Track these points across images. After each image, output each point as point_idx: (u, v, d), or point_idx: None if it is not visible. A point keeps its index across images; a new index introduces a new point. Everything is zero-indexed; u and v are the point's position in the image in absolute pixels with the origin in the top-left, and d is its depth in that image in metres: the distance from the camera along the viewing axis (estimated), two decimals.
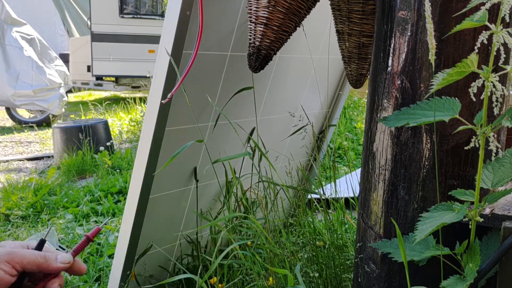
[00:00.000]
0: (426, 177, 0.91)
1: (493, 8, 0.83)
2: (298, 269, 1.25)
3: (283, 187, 1.69)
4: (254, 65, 1.29)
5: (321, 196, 1.74)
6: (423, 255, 0.85)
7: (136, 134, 5.73)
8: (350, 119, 5.54)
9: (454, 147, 0.89)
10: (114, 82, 8.55)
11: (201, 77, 1.56)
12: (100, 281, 2.24)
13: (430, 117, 0.80)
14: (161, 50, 1.36)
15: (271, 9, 1.22)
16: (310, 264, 1.61)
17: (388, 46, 0.95)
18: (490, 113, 0.88)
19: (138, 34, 7.84)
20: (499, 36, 0.72)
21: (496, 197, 0.80)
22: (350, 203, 1.99)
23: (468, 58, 0.72)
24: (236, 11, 1.55)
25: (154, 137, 1.45)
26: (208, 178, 1.84)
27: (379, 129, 0.98)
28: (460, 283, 0.78)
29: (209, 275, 1.31)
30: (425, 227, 0.78)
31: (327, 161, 2.67)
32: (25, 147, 5.58)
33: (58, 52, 8.78)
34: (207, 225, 1.73)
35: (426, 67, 0.89)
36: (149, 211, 1.63)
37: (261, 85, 1.84)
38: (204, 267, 1.79)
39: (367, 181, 1.03)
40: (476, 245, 0.82)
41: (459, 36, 0.85)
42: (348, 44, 1.41)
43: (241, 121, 1.84)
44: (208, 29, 1.46)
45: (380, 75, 0.97)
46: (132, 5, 7.97)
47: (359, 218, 1.10)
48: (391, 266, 0.98)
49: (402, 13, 0.91)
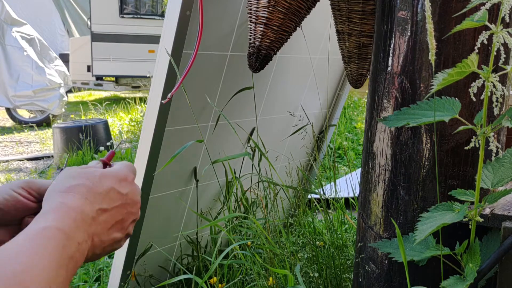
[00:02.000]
0: (426, 177, 0.91)
1: (493, 8, 0.83)
2: (298, 269, 1.25)
3: (283, 187, 1.69)
4: (254, 65, 1.29)
5: (321, 196, 1.74)
6: (423, 255, 0.85)
7: (136, 134, 5.73)
8: (350, 119, 5.54)
9: (454, 147, 0.89)
10: (114, 82, 8.55)
11: (201, 77, 1.56)
12: (100, 281, 2.24)
13: (430, 117, 0.80)
14: (161, 50, 1.36)
15: (271, 9, 1.22)
16: (310, 264, 1.61)
17: (388, 46, 0.95)
18: (490, 113, 0.88)
19: (138, 34, 7.84)
20: (499, 36, 0.72)
21: (496, 197, 0.80)
22: (350, 203, 1.99)
23: (468, 58, 0.72)
24: (236, 11, 1.55)
25: (154, 137, 1.45)
26: (208, 178, 1.84)
27: (379, 129, 0.98)
28: (460, 283, 0.78)
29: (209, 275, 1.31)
30: (425, 227, 0.78)
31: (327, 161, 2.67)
32: (25, 147, 5.59)
33: (58, 52, 8.78)
34: (207, 225, 1.72)
35: (426, 67, 0.89)
36: (149, 211, 1.63)
37: (261, 85, 1.85)
38: (204, 267, 1.79)
39: (367, 181, 1.03)
40: (476, 245, 0.82)
41: (459, 36, 0.85)
42: (348, 44, 1.41)
43: (241, 121, 1.84)
44: (208, 29, 1.45)
45: (380, 75, 0.97)
46: (132, 5, 7.98)
47: (359, 218, 1.10)
48: (391, 266, 0.98)
49: (402, 13, 0.91)
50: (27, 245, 0.43)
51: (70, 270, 0.46)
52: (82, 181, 0.54)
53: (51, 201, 0.51)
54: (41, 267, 0.42)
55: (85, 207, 0.51)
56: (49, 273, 0.42)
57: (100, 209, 0.53)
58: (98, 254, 0.54)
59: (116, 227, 0.56)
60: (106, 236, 0.54)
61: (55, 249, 0.45)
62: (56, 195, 0.52)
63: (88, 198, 0.52)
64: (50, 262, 0.43)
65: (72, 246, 0.47)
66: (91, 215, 0.52)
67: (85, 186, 0.53)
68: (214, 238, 1.73)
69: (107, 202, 0.54)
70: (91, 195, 0.53)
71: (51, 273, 0.42)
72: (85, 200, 0.52)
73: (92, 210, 0.52)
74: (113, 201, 0.55)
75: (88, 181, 0.54)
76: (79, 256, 0.48)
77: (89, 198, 0.52)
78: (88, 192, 0.53)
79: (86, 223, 0.51)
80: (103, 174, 0.56)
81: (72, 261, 0.46)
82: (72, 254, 0.47)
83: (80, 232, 0.49)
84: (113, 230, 0.55)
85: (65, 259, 0.45)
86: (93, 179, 0.55)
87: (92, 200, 0.53)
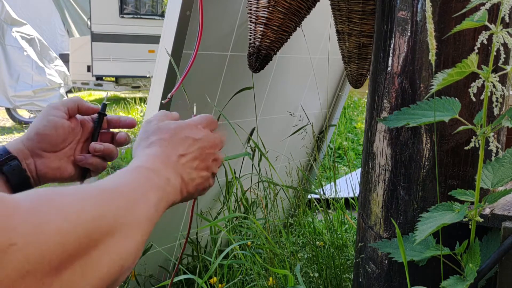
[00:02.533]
0: (426, 177, 0.91)
1: (493, 8, 0.83)
2: (298, 269, 1.25)
3: (283, 187, 1.69)
4: (254, 65, 1.29)
5: (321, 196, 1.74)
6: (423, 255, 0.85)
7: (136, 135, 5.71)
8: (350, 119, 5.54)
9: (454, 147, 0.89)
10: (114, 82, 8.54)
11: (201, 77, 1.56)
12: None
13: (430, 117, 0.80)
14: (161, 50, 1.36)
15: (271, 9, 1.22)
16: (310, 264, 1.61)
17: (388, 46, 0.95)
18: (490, 113, 0.88)
19: (138, 34, 7.83)
20: (499, 36, 0.72)
21: (496, 197, 0.80)
22: (350, 203, 1.99)
23: (468, 58, 0.72)
24: (236, 11, 1.55)
25: None
26: None
27: (379, 129, 0.98)
28: (460, 283, 0.78)
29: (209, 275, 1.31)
30: (425, 227, 0.78)
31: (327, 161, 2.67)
32: None
33: (58, 52, 8.76)
34: (207, 225, 1.72)
35: (426, 67, 0.89)
36: None
37: (261, 85, 1.84)
38: (204, 267, 1.79)
39: (367, 181, 1.03)
40: (476, 245, 0.82)
41: (459, 36, 0.85)
42: (348, 44, 1.41)
43: (241, 121, 1.84)
44: (208, 29, 1.45)
45: (380, 75, 0.97)
46: (132, 5, 7.97)
47: (359, 218, 1.10)
48: (391, 266, 0.98)
49: (402, 13, 0.91)
50: (120, 176, 0.52)
51: (160, 199, 0.53)
52: (162, 136, 0.63)
53: (138, 156, 0.60)
54: (127, 190, 0.49)
55: (168, 154, 0.61)
56: (134, 196, 0.49)
57: (180, 154, 0.62)
58: (193, 193, 0.64)
59: (200, 166, 0.64)
60: (194, 174, 0.63)
61: (144, 179, 0.53)
62: (141, 151, 0.61)
63: (169, 147, 0.62)
64: (137, 186, 0.51)
65: (162, 180, 0.55)
66: (175, 159, 0.61)
67: (165, 140, 0.62)
68: (214, 238, 1.73)
69: (185, 148, 0.63)
70: (171, 146, 0.62)
71: (136, 196, 0.49)
72: (167, 148, 0.61)
73: (175, 154, 0.61)
74: (190, 146, 0.64)
75: (166, 134, 0.63)
76: (170, 190, 0.56)
77: (169, 147, 0.62)
78: (168, 144, 0.62)
79: (172, 164, 0.60)
80: (178, 125, 0.65)
81: (161, 192, 0.54)
82: (163, 186, 0.55)
83: (168, 170, 0.58)
84: (198, 170, 0.64)
85: (154, 189, 0.53)
86: (170, 131, 0.64)
87: (173, 149, 0.62)
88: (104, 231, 0.41)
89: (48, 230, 0.36)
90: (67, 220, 0.38)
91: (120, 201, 0.46)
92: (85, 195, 0.43)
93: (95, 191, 0.45)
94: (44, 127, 0.69)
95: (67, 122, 0.71)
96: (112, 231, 0.42)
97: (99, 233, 0.40)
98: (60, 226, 0.37)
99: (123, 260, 0.43)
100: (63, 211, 0.38)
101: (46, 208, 0.38)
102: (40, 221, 0.36)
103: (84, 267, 0.38)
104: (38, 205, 0.37)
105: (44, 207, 0.38)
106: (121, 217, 0.44)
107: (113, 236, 0.42)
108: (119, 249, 0.43)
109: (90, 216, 0.40)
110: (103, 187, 0.47)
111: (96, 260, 0.40)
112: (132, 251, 0.45)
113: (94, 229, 0.40)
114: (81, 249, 0.38)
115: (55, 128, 0.69)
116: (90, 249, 0.39)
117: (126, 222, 0.44)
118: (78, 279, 0.38)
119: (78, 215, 0.39)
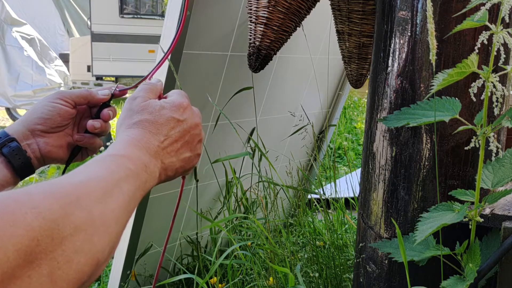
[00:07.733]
0: (426, 177, 0.91)
1: (493, 8, 0.83)
2: (298, 269, 1.25)
3: (283, 187, 1.69)
4: (254, 65, 1.29)
5: (321, 196, 1.74)
6: (423, 255, 0.85)
7: None
8: (350, 119, 5.54)
9: (454, 147, 0.89)
10: (114, 82, 8.54)
11: (201, 77, 1.56)
12: (100, 281, 2.24)
13: (430, 117, 0.80)
14: (161, 50, 1.36)
15: (271, 9, 1.22)
16: (310, 264, 1.61)
17: (388, 46, 0.95)
18: (490, 113, 0.88)
19: (138, 34, 7.83)
20: (499, 36, 0.72)
21: (496, 197, 0.80)
22: (350, 203, 1.99)
23: (468, 58, 0.72)
24: (236, 11, 1.55)
25: None
26: (208, 178, 1.84)
27: (379, 129, 0.98)
28: (460, 283, 0.78)
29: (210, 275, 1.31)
30: (425, 227, 0.78)
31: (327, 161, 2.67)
32: None
33: (58, 52, 8.76)
34: (208, 226, 1.72)
35: (426, 67, 0.89)
36: (149, 211, 1.63)
37: (261, 85, 1.84)
38: (204, 267, 1.79)
39: (367, 181, 1.03)
40: (476, 245, 0.82)
41: (459, 36, 0.85)
42: (348, 44, 1.41)
43: (241, 121, 1.84)
44: (208, 29, 1.46)
45: (380, 75, 0.97)
46: (132, 5, 7.97)
47: (359, 218, 1.10)
48: (391, 266, 0.98)
49: (402, 13, 0.91)
50: (90, 166, 0.49)
51: (136, 188, 0.51)
52: (145, 116, 0.61)
53: (119, 135, 0.59)
54: (97, 180, 0.46)
55: (149, 139, 0.59)
56: (105, 186, 0.47)
57: (164, 137, 0.60)
58: (172, 176, 0.63)
59: (184, 148, 0.64)
60: (175, 158, 0.62)
61: (118, 168, 0.50)
62: (123, 131, 0.60)
63: (152, 130, 0.60)
64: (109, 175, 0.48)
65: (138, 167, 0.53)
66: (156, 144, 0.59)
67: (148, 121, 0.60)
68: (214, 238, 1.73)
69: (169, 130, 0.61)
70: (154, 128, 0.60)
71: (108, 186, 0.47)
72: (149, 133, 0.59)
73: (158, 140, 0.59)
74: (174, 128, 0.62)
75: (150, 115, 0.61)
76: (147, 177, 0.55)
77: (153, 131, 0.60)
78: (151, 125, 0.60)
79: (153, 149, 0.58)
80: (162, 106, 0.63)
81: (137, 181, 0.52)
82: (139, 174, 0.53)
83: (147, 156, 0.56)
84: (182, 151, 0.63)
85: (129, 178, 0.51)
86: (154, 112, 0.62)
87: (156, 132, 0.60)
88: (72, 227, 0.40)
89: (3, 234, 0.34)
90: (24, 222, 0.36)
91: (92, 194, 0.44)
92: (55, 190, 0.41)
93: (67, 185, 0.43)
94: (48, 111, 0.70)
95: (71, 110, 0.73)
96: (83, 227, 0.41)
97: (67, 230, 0.39)
98: (14, 231, 0.35)
99: (99, 253, 0.42)
100: (22, 211, 0.37)
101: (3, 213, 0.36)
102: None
103: (51, 266, 0.37)
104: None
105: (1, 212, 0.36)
106: (92, 210, 0.43)
107: (85, 231, 0.41)
108: (92, 244, 0.42)
109: (57, 215, 0.39)
110: (73, 181, 0.45)
111: (66, 258, 0.38)
112: (106, 243, 0.44)
113: (60, 227, 0.38)
114: (44, 249, 0.37)
115: (59, 114, 0.71)
116: (56, 247, 0.38)
117: (99, 215, 0.43)
118: (45, 279, 0.37)
119: (37, 215, 0.37)
